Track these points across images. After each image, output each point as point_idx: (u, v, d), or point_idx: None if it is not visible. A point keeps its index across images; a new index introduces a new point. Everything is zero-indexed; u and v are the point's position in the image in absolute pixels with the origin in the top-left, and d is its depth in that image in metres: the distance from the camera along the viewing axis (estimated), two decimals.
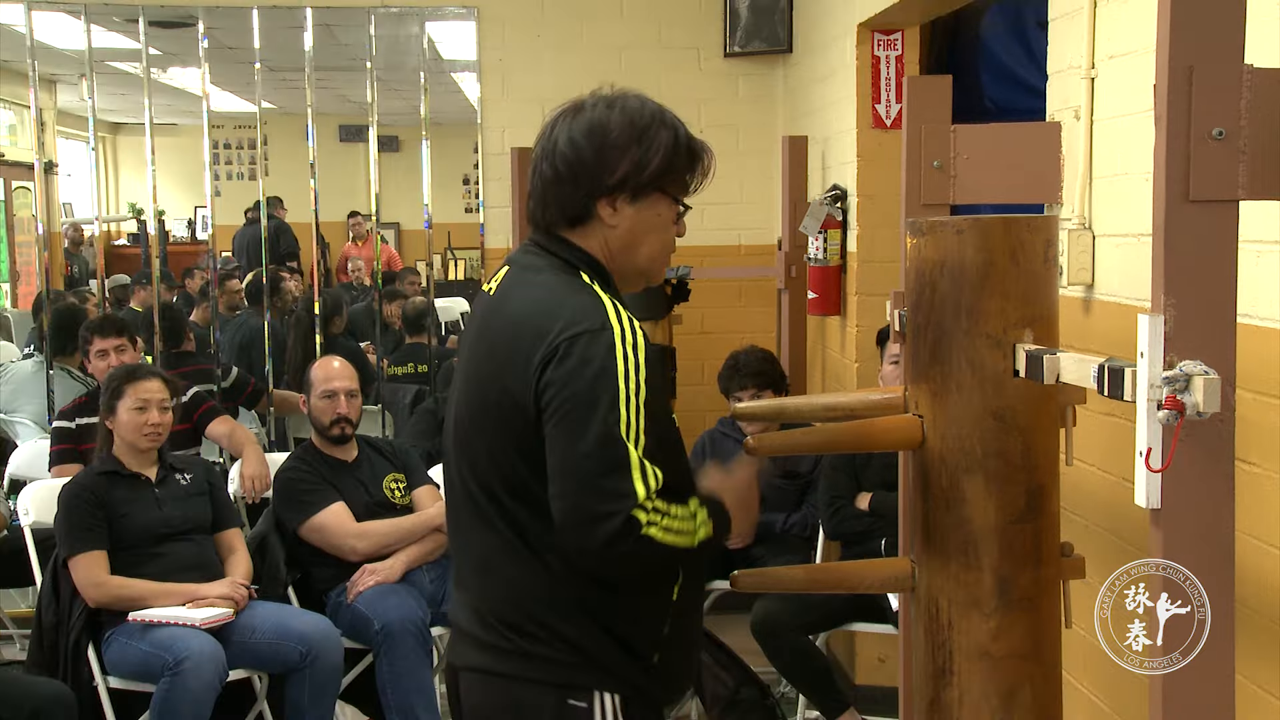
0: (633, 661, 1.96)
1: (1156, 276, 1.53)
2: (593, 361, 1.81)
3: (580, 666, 1.94)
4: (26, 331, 7.44)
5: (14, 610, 5.17)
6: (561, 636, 1.93)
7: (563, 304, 1.88)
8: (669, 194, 1.95)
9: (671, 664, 2.01)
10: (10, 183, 10.13)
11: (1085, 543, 2.63)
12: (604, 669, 1.95)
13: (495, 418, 1.91)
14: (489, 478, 1.95)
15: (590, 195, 1.92)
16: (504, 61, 5.76)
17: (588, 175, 1.91)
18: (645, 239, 1.96)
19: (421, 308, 6.29)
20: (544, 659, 1.94)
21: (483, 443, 1.94)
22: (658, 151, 1.91)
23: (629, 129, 1.91)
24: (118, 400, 3.88)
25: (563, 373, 1.82)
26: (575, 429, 1.80)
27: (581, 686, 1.94)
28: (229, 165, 12.10)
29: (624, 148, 1.90)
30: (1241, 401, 1.70)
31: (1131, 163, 2.56)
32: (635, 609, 1.96)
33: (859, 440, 2.10)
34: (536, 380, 1.84)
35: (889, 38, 4.50)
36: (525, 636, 1.95)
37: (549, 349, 1.84)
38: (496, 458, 1.92)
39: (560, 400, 1.82)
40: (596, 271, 1.95)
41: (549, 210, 1.96)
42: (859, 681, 4.66)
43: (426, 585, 4.05)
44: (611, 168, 1.91)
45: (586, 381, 1.81)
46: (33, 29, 5.67)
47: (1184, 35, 1.51)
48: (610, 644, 1.94)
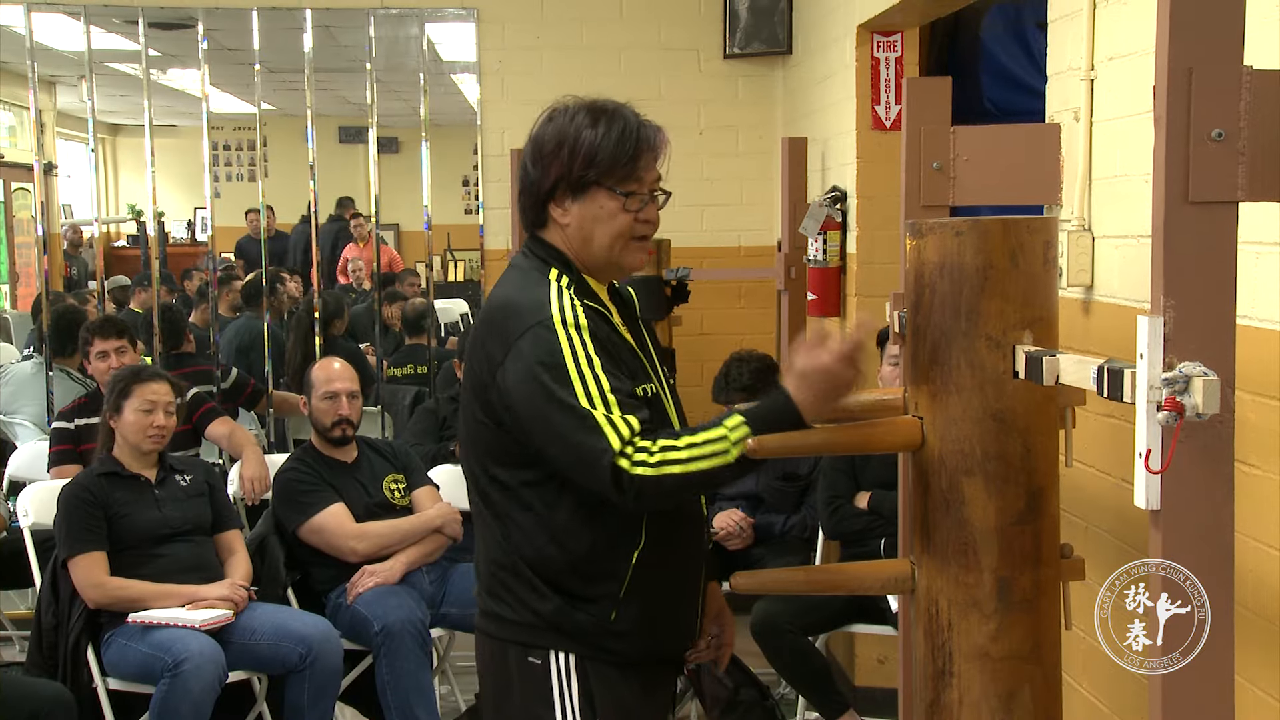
0: (590, 620, 2.11)
1: (1156, 278, 1.53)
2: (539, 348, 2.03)
3: (537, 626, 2.13)
4: (26, 333, 7.44)
5: (13, 612, 5.17)
6: (520, 598, 2.13)
7: (511, 303, 2.13)
8: (605, 186, 2.13)
9: (633, 622, 2.12)
10: (10, 184, 10.13)
11: (1085, 544, 2.63)
12: (557, 628, 2.12)
13: (472, 399, 2.16)
14: (469, 455, 2.21)
15: (540, 202, 2.17)
16: (503, 63, 5.77)
17: (534, 186, 2.17)
18: (595, 230, 2.15)
19: (421, 309, 6.30)
20: (509, 620, 2.16)
21: (467, 424, 2.20)
22: (579, 153, 2.11)
23: (555, 138, 2.14)
24: (124, 400, 3.88)
25: (519, 367, 2.04)
26: (545, 417, 2.02)
27: (538, 645, 2.14)
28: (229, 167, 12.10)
29: (553, 155, 2.13)
30: (1241, 403, 1.70)
31: (1131, 164, 2.56)
32: (590, 570, 2.11)
33: (860, 442, 2.10)
34: (496, 377, 2.08)
35: (889, 39, 4.50)
36: (494, 598, 2.18)
37: (502, 348, 2.07)
38: (472, 435, 2.18)
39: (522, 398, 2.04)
40: (565, 264, 2.16)
41: (522, 218, 2.25)
42: (859, 683, 4.66)
43: (426, 586, 4.05)
44: (547, 175, 2.15)
45: (539, 369, 2.02)
46: (32, 30, 5.67)
47: (1183, 37, 1.51)
48: (564, 603, 2.11)
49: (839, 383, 1.98)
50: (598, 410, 1.99)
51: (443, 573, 4.13)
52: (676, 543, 2.18)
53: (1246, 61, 1.53)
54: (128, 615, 3.62)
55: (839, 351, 1.96)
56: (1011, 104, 4.62)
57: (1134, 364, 1.55)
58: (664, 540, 2.13)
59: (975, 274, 1.93)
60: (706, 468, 1.96)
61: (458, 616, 4.02)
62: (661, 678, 2.29)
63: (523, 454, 2.10)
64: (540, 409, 2.02)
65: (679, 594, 2.22)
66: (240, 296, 6.85)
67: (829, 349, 1.97)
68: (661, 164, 2.19)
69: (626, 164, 2.12)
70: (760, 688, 2.57)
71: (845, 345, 1.97)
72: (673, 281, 4.98)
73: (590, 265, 2.18)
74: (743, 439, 1.96)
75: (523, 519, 2.12)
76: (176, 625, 3.57)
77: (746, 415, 1.98)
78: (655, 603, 2.15)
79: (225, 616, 3.65)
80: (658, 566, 2.13)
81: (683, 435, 1.99)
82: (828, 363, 1.96)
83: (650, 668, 2.21)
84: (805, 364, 1.97)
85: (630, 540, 2.10)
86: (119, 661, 3.62)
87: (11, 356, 7.03)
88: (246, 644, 3.66)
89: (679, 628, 2.26)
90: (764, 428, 1.97)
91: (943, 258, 1.95)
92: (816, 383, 1.97)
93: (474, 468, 2.19)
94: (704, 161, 5.76)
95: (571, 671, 2.12)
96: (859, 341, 1.98)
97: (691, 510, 2.23)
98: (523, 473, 2.11)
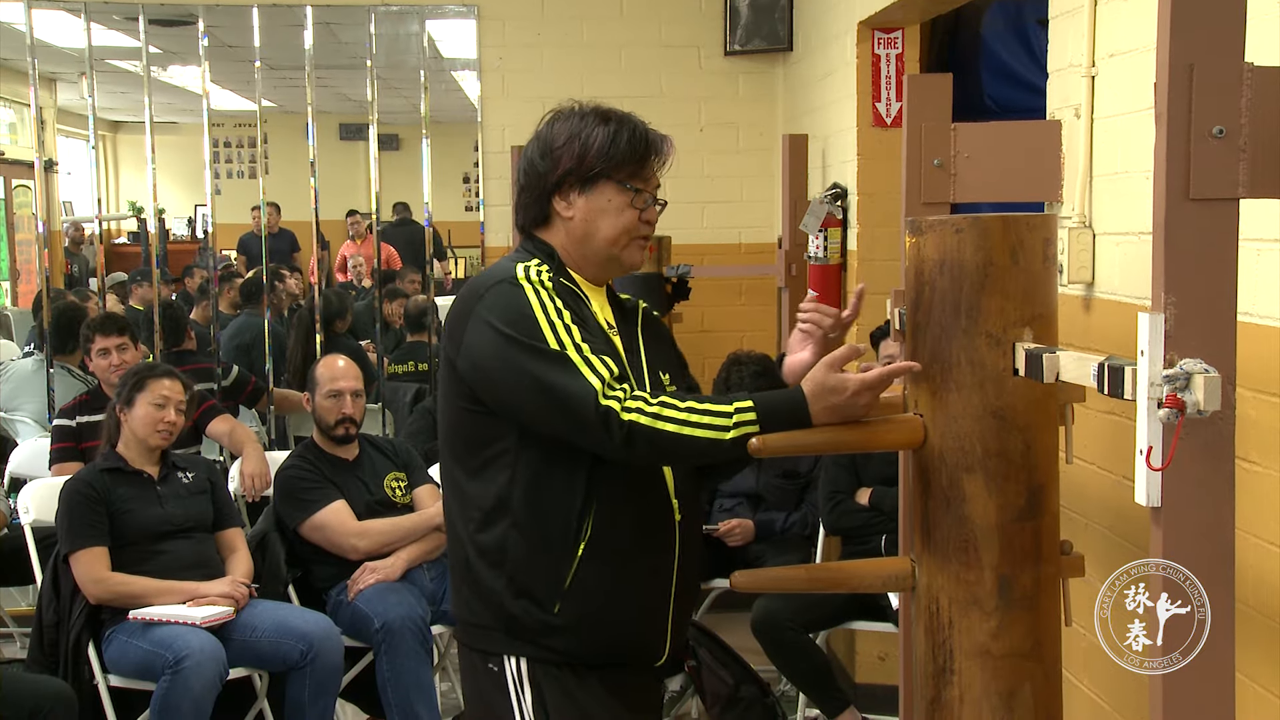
0: (531, 612, 2.08)
1: (1157, 274, 1.53)
2: (500, 301, 2.05)
3: (490, 630, 2.13)
4: (27, 330, 7.45)
5: (14, 608, 5.17)
6: (478, 597, 2.13)
7: (480, 277, 2.17)
8: (614, 180, 2.14)
9: (580, 616, 2.09)
10: (10, 181, 10.14)
11: (1085, 541, 2.64)
12: (507, 631, 2.11)
13: (444, 386, 2.18)
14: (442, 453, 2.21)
15: (545, 195, 2.17)
16: (504, 60, 5.76)
17: (540, 179, 2.17)
18: (599, 223, 2.15)
19: (423, 306, 6.30)
20: (470, 624, 2.17)
21: (440, 418, 2.21)
22: (593, 144, 2.13)
23: (566, 133, 2.16)
24: (138, 394, 3.88)
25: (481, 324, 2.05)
26: (517, 363, 2.01)
27: (493, 651, 2.13)
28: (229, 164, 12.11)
29: (564, 148, 2.14)
30: (1242, 400, 1.70)
31: (1132, 161, 2.56)
32: (534, 557, 2.08)
33: (861, 440, 2.09)
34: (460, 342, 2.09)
35: (889, 36, 4.50)
36: (462, 600, 2.18)
37: (465, 312, 2.10)
38: (443, 425, 2.19)
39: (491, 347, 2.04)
40: (549, 256, 2.17)
41: (519, 215, 2.24)
42: (859, 680, 4.66)
43: (427, 584, 4.05)
44: (556, 167, 2.15)
45: (503, 322, 2.03)
46: (33, 27, 5.68)
47: (1184, 33, 1.50)
48: (511, 598, 2.09)
49: (854, 407, 1.96)
50: (569, 352, 1.98)
51: (443, 570, 4.13)
52: (636, 542, 2.11)
53: (1247, 58, 1.53)
54: (129, 612, 3.62)
55: (865, 380, 1.95)
56: (1012, 101, 4.62)
57: (1135, 361, 1.55)
58: (619, 537, 2.09)
59: (975, 271, 1.93)
60: (701, 436, 1.94)
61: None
62: (634, 683, 2.20)
63: (482, 434, 2.09)
64: (508, 360, 2.01)
65: (637, 596, 2.13)
66: (240, 294, 6.85)
67: (855, 374, 1.96)
68: (664, 173, 2.22)
69: (636, 161, 2.15)
70: (761, 685, 2.57)
71: (873, 376, 1.95)
72: (673, 279, 4.98)
73: (588, 262, 2.18)
74: (745, 424, 1.94)
75: (473, 507, 2.11)
76: (177, 622, 3.57)
77: (756, 403, 1.96)
78: (606, 602, 2.09)
79: (226, 613, 3.65)
80: (610, 564, 2.08)
81: (687, 398, 1.98)
82: (852, 387, 1.95)
83: (614, 673, 2.14)
84: (829, 380, 1.95)
85: (576, 531, 2.06)
86: (120, 658, 3.62)
87: (12, 353, 7.03)
88: (247, 641, 3.66)
89: (638, 632, 2.16)
90: (770, 420, 1.95)
91: (943, 255, 1.95)
92: (833, 400, 1.96)
93: (441, 459, 2.21)
94: (704, 158, 5.76)
95: (524, 678, 2.10)
96: (888, 375, 1.96)
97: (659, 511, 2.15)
98: (475, 458, 2.11)
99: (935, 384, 1.97)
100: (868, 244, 4.50)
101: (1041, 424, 1.97)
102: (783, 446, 1.99)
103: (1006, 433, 1.94)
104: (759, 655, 3.91)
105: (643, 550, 2.13)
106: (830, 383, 1.95)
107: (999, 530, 1.95)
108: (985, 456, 1.94)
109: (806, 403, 1.96)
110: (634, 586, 2.13)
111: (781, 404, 1.98)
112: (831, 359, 1.98)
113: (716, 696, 2.48)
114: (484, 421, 2.10)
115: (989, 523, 1.95)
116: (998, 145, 2.76)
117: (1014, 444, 1.94)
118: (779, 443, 1.97)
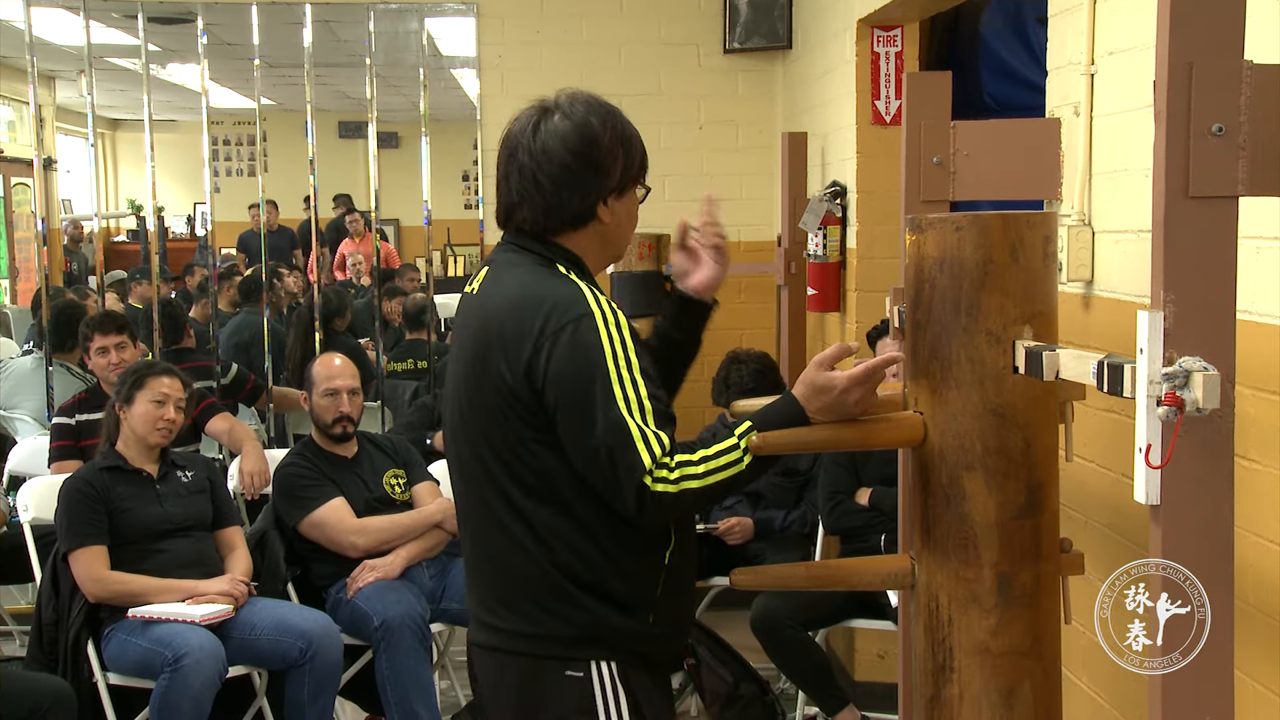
0: (629, 625, 2.06)
1: (1156, 272, 1.53)
2: (580, 349, 1.95)
3: (576, 639, 2.05)
4: (26, 328, 7.44)
5: (14, 607, 5.17)
6: (557, 612, 2.05)
7: (543, 297, 2.00)
8: (640, 182, 2.15)
9: (667, 625, 2.11)
10: (9, 179, 10.13)
11: (1084, 539, 2.63)
12: (598, 638, 2.05)
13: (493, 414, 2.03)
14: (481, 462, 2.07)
15: (592, 200, 2.07)
16: (503, 58, 5.76)
17: (587, 183, 2.06)
18: (626, 228, 2.15)
19: (421, 304, 6.30)
20: (538, 636, 2.06)
21: (481, 427, 2.06)
22: (636, 149, 2.11)
23: (612, 133, 2.07)
24: (137, 391, 3.88)
25: (556, 367, 1.96)
26: (581, 419, 1.95)
27: (578, 658, 2.05)
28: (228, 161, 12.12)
29: (612, 150, 2.07)
30: (1241, 397, 1.70)
31: (1131, 159, 2.55)
32: (628, 570, 2.05)
33: (861, 438, 2.09)
34: (527, 373, 1.98)
35: (888, 34, 4.49)
36: (521, 615, 2.07)
37: (536, 343, 1.97)
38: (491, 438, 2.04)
39: (559, 394, 1.96)
40: (573, 263, 2.09)
41: (545, 215, 2.07)
42: (858, 678, 4.66)
43: (426, 581, 4.05)
44: (608, 172, 2.07)
45: (579, 371, 1.94)
46: (31, 25, 5.67)
47: (1184, 31, 1.50)
48: (607, 610, 2.04)
49: (847, 403, 1.97)
50: (633, 419, 1.93)
51: (443, 568, 4.13)
52: (692, 539, 2.19)
53: (1247, 56, 1.53)
54: (128, 610, 3.62)
55: (853, 376, 1.95)
56: (1011, 99, 4.62)
57: (1134, 359, 1.55)
58: (687, 539, 2.15)
59: (975, 269, 1.93)
60: (723, 479, 1.96)
61: (458, 612, 4.02)
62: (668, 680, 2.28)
63: (558, 464, 2.01)
64: (577, 407, 1.95)
65: (693, 590, 2.24)
66: (239, 292, 6.85)
67: (845, 371, 1.97)
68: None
69: (645, 159, 2.15)
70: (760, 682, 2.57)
71: (859, 371, 1.96)
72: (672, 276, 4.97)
73: (600, 265, 2.16)
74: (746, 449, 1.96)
75: (554, 522, 2.03)
76: (177, 620, 3.57)
77: (755, 423, 1.98)
78: (682, 603, 2.16)
79: (225, 611, 3.65)
80: (683, 566, 2.13)
81: (697, 449, 1.96)
82: (840, 384, 1.95)
83: (670, 667, 2.23)
84: (818, 379, 1.96)
85: (662, 540, 2.08)
86: (119, 656, 3.62)
87: (11, 351, 7.02)
88: (247, 639, 3.66)
89: (691, 623, 2.28)
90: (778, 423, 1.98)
91: (943, 253, 1.95)
92: (824, 399, 1.97)
93: (489, 473, 2.07)
94: (703, 156, 5.76)
95: (616, 681, 2.06)
96: (874, 368, 1.96)
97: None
98: (552, 484, 2.03)
99: (935, 382, 1.97)
100: (867, 242, 4.50)
101: (1041, 422, 1.97)
102: (784, 445, 1.99)
103: (1006, 430, 1.94)
104: (758, 653, 3.91)
105: (692, 550, 2.20)
106: (820, 382, 1.96)
107: (998, 528, 1.95)
108: (985, 454, 1.94)
109: (801, 407, 1.97)
110: (693, 582, 2.22)
111: (776, 414, 1.99)
112: (821, 358, 1.98)
113: (716, 694, 2.48)
114: (560, 453, 2.01)
115: (989, 520, 1.95)
116: (997, 143, 2.76)
117: (1014, 442, 1.94)
118: (780, 441, 1.97)
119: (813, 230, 4.64)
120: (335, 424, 4.15)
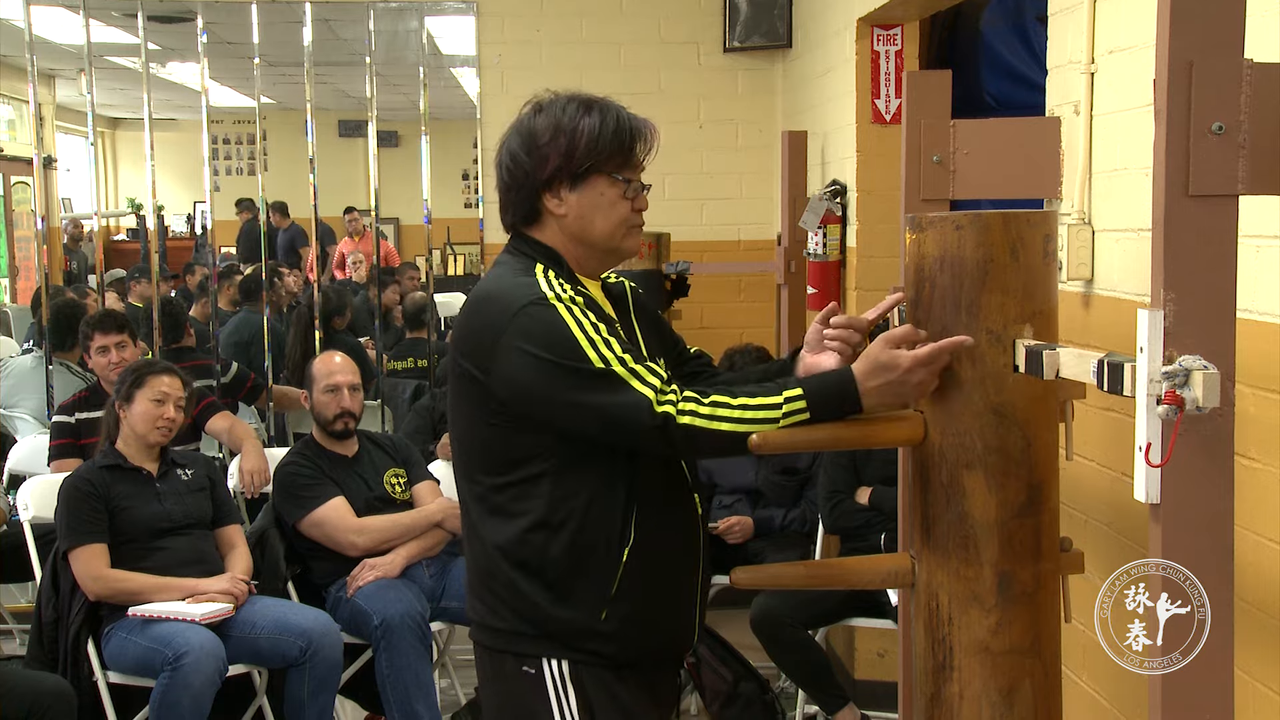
0: (578, 619, 2.06)
1: (1156, 271, 1.53)
2: (536, 325, 1.99)
3: (528, 634, 2.09)
4: (26, 327, 7.45)
5: (14, 605, 5.17)
6: (510, 605, 2.09)
7: (502, 290, 2.07)
8: (605, 173, 2.10)
9: (625, 624, 2.08)
10: (9, 178, 10.13)
11: (1084, 538, 2.64)
12: (549, 635, 2.07)
13: (459, 400, 2.12)
14: (457, 459, 2.16)
15: (533, 193, 2.11)
16: (503, 57, 5.76)
17: (527, 178, 2.11)
18: (594, 219, 2.11)
19: (421, 303, 6.30)
20: (501, 630, 2.12)
21: (455, 426, 2.16)
22: (581, 138, 2.07)
23: (550, 127, 2.09)
24: (137, 390, 3.88)
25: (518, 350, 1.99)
26: (561, 386, 1.97)
27: (531, 654, 2.09)
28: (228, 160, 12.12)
29: (550, 143, 2.08)
30: (1241, 396, 1.70)
31: (1131, 158, 2.55)
32: (581, 565, 2.06)
33: (862, 437, 2.09)
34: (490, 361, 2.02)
35: (888, 32, 4.49)
36: (486, 607, 2.13)
37: (497, 332, 2.01)
38: (462, 437, 2.13)
39: (532, 374, 1.99)
40: (553, 260, 2.12)
41: (507, 214, 2.18)
42: (858, 676, 4.66)
43: (426, 580, 4.05)
44: (544, 164, 2.09)
45: (541, 346, 1.97)
46: (31, 23, 5.67)
47: (1184, 30, 1.50)
48: (555, 605, 2.06)
49: (907, 385, 1.92)
50: (615, 367, 1.94)
51: (443, 567, 4.13)
52: (670, 540, 2.14)
53: (1247, 54, 1.53)
54: (128, 609, 3.62)
55: (918, 357, 1.90)
56: (1011, 98, 4.61)
57: (1134, 358, 1.55)
58: (656, 537, 2.09)
59: (975, 268, 1.93)
60: (752, 431, 1.92)
61: (458, 610, 4.01)
62: (661, 676, 2.23)
63: (515, 448, 2.05)
64: (552, 384, 1.97)
65: (674, 593, 2.17)
66: (239, 291, 6.85)
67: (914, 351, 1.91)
68: (650, 156, 2.17)
69: (625, 151, 2.11)
70: (760, 681, 2.58)
71: (924, 352, 1.90)
72: (672, 275, 4.98)
73: (586, 257, 2.14)
74: (795, 412, 1.92)
75: (507, 521, 2.07)
76: (177, 619, 3.57)
77: (806, 390, 1.93)
78: (648, 602, 2.10)
79: (225, 610, 3.65)
80: (650, 565, 2.09)
81: (738, 394, 1.94)
82: (905, 363, 1.90)
83: (647, 668, 2.17)
84: (882, 356, 1.92)
85: (620, 538, 2.06)
86: (119, 655, 3.62)
87: (11, 350, 7.03)
88: (246, 638, 3.66)
89: (675, 627, 2.20)
90: (820, 404, 1.93)
91: (943, 251, 1.95)
92: (886, 377, 1.92)
93: (460, 470, 2.15)
94: (703, 155, 5.76)
95: (567, 680, 2.07)
96: (941, 350, 1.90)
97: (685, 506, 2.17)
98: (508, 474, 2.06)
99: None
100: (867, 241, 4.50)
101: (1041, 420, 1.97)
102: (784, 444, 1.99)
103: (1006, 429, 1.94)
104: (758, 652, 3.91)
105: (676, 548, 2.16)
106: (883, 359, 1.91)
107: (999, 527, 1.95)
108: (985, 453, 1.94)
109: (856, 383, 1.93)
110: (672, 585, 2.16)
111: (830, 386, 1.94)
112: (888, 336, 1.93)
113: (716, 693, 2.48)
114: (518, 436, 2.05)
115: (989, 519, 1.95)
116: (997, 142, 2.75)
117: (1014, 440, 1.94)
118: (780, 440, 1.97)
119: (813, 229, 4.64)
120: (337, 419, 4.15)
